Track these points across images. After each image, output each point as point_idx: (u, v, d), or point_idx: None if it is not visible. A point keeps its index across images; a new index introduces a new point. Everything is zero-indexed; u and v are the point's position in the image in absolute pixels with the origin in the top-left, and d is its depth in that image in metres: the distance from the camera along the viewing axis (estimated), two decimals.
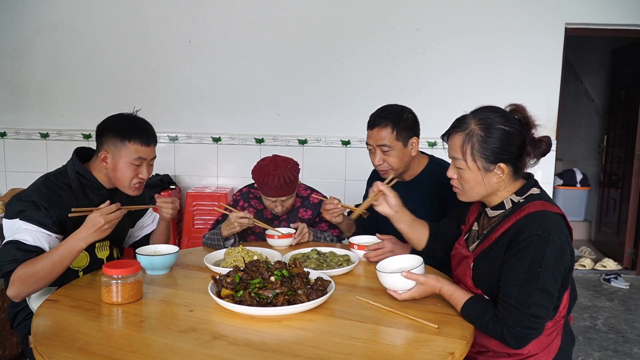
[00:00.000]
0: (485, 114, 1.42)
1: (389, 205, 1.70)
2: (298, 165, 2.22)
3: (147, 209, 2.12)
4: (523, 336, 1.31)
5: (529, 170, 1.48)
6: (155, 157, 1.86)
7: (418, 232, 1.75)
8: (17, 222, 1.63)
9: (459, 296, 1.41)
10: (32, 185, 1.75)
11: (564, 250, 1.33)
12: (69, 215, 1.63)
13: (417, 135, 2.06)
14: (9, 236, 1.62)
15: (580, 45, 5.23)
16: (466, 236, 1.58)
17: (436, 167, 2.13)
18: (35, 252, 1.61)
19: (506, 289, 1.33)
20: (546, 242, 1.30)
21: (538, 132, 1.42)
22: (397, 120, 2.00)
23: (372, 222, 2.27)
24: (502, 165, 1.39)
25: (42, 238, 1.63)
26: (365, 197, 2.31)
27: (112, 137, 1.77)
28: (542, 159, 1.44)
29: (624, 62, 4.83)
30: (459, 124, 1.44)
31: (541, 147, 1.39)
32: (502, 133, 1.38)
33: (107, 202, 1.67)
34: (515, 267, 1.32)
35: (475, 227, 1.57)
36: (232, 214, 2.10)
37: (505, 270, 1.35)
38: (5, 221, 1.66)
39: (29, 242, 1.61)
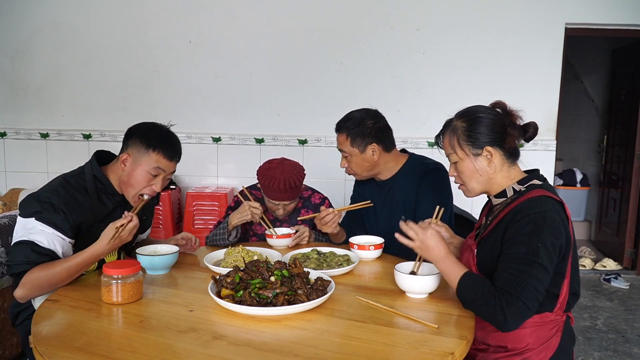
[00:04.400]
0: (466, 110, 1.55)
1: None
2: (304, 170, 2.24)
3: (152, 213, 2.13)
4: (520, 310, 1.31)
5: (533, 168, 1.56)
6: (174, 172, 1.86)
7: None
8: (32, 222, 1.61)
9: (458, 268, 1.43)
10: (49, 186, 1.73)
11: (559, 232, 1.37)
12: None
13: (379, 141, 2.07)
14: (22, 235, 1.60)
15: (580, 45, 5.23)
16: (477, 232, 1.63)
17: (414, 163, 2.17)
18: (48, 255, 1.60)
19: (507, 262, 1.36)
20: (544, 219, 1.36)
21: (522, 120, 1.52)
22: (352, 128, 2.07)
23: (359, 225, 2.28)
24: (489, 148, 1.48)
25: (57, 242, 1.62)
26: (354, 197, 2.33)
27: (138, 142, 1.77)
28: (542, 159, 1.47)
29: (624, 62, 4.83)
30: (446, 126, 1.57)
31: (529, 130, 1.50)
32: (482, 120, 1.49)
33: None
34: (515, 243, 1.37)
35: (484, 221, 1.62)
36: (246, 202, 2.14)
37: (506, 248, 1.39)
38: (20, 219, 1.64)
39: (43, 245, 1.59)
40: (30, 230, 1.61)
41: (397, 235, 1.53)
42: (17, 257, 1.59)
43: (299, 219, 2.21)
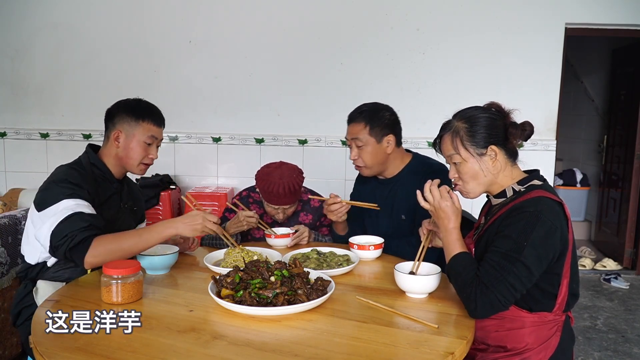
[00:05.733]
0: (464, 111, 1.55)
1: (441, 239, 1.75)
2: (303, 173, 2.23)
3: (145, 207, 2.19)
4: (492, 304, 1.34)
5: (533, 168, 1.57)
6: (162, 139, 1.96)
7: None
8: (64, 203, 1.64)
9: (458, 246, 1.47)
10: (56, 173, 1.77)
11: (553, 233, 1.37)
12: (187, 201, 1.79)
13: (395, 133, 2.08)
14: (62, 214, 1.62)
15: (580, 45, 5.23)
16: (475, 231, 1.63)
17: (419, 163, 2.17)
18: (98, 218, 1.67)
19: (492, 253, 1.39)
20: (536, 219, 1.36)
21: (517, 119, 1.52)
22: (371, 116, 2.05)
23: (359, 224, 2.27)
24: (493, 147, 1.49)
25: (92, 210, 1.69)
26: (353, 195, 2.31)
27: (126, 117, 1.86)
28: (542, 159, 1.47)
29: (624, 62, 4.83)
30: (445, 127, 1.57)
31: (525, 129, 1.49)
32: (484, 119, 1.50)
33: (212, 209, 1.76)
34: (504, 237, 1.39)
35: (483, 220, 1.63)
36: (241, 212, 2.12)
37: (495, 240, 1.41)
38: (47, 210, 1.65)
39: (87, 212, 1.65)
40: (66, 208, 1.63)
41: (417, 192, 1.57)
42: (72, 227, 1.60)
43: (310, 196, 2.23)
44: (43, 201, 1.68)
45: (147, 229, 1.67)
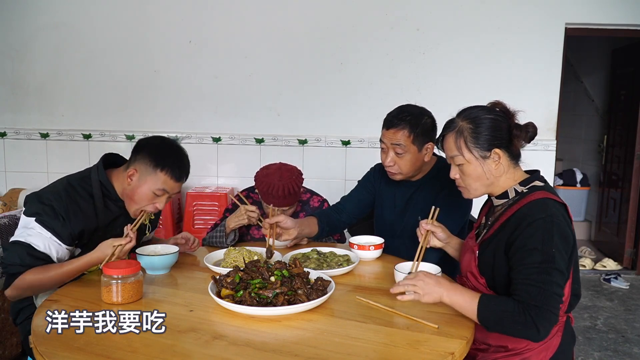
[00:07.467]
0: (469, 111, 1.52)
1: (439, 240, 1.74)
2: (302, 174, 2.22)
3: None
4: (550, 320, 1.31)
5: (533, 168, 1.56)
6: (179, 192, 1.82)
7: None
8: (33, 223, 1.63)
9: (470, 297, 1.37)
10: (53, 187, 1.73)
11: (567, 233, 1.38)
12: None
13: (433, 140, 2.01)
14: (21, 235, 1.63)
15: (580, 45, 5.23)
16: (477, 231, 1.62)
17: (443, 167, 2.12)
18: (43, 259, 1.63)
19: (525, 272, 1.34)
20: (552, 224, 1.35)
21: (520, 120, 1.50)
22: (415, 124, 1.96)
23: (359, 207, 2.24)
24: (497, 150, 1.47)
25: (53, 246, 1.64)
26: (354, 193, 2.27)
27: (147, 159, 1.74)
28: (542, 159, 1.45)
29: (624, 62, 4.83)
30: (448, 126, 1.53)
31: (529, 131, 1.47)
32: (489, 121, 1.47)
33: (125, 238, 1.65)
34: (529, 252, 1.35)
35: (483, 220, 1.61)
36: (243, 206, 2.12)
37: (519, 257, 1.37)
38: (22, 217, 1.67)
39: (39, 248, 1.62)
40: (29, 231, 1.63)
41: (399, 298, 1.41)
42: (13, 257, 1.61)
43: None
44: (25, 207, 1.69)
45: (69, 266, 1.62)
